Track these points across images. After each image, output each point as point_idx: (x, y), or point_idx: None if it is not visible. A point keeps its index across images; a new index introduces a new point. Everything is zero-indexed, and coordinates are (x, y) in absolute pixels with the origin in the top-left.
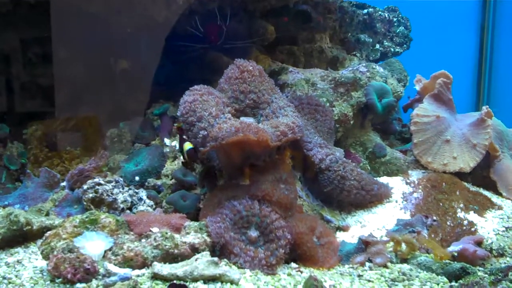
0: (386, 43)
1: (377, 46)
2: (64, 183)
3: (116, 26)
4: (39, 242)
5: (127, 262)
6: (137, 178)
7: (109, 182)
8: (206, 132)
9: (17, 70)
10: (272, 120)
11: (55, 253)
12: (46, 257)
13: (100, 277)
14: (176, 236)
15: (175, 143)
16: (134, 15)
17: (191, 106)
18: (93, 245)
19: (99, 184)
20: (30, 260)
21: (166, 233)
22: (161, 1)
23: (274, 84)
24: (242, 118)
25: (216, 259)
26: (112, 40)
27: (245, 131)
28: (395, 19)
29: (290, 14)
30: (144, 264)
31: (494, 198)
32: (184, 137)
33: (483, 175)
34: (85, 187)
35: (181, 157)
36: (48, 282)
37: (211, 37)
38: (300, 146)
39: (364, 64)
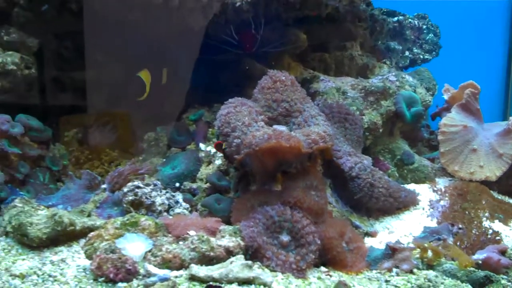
0: (416, 50)
1: (407, 53)
2: (104, 185)
3: (154, 33)
4: (82, 241)
5: (165, 264)
6: (177, 184)
7: (148, 185)
8: (240, 140)
9: (58, 74)
10: (304, 129)
11: (98, 253)
12: (89, 257)
13: (140, 277)
14: (212, 239)
15: (210, 148)
16: (172, 23)
17: (226, 118)
18: (134, 246)
19: (139, 187)
20: (73, 259)
21: (203, 236)
22: (198, 11)
23: (306, 93)
24: (274, 126)
25: (250, 262)
26: (150, 47)
27: (278, 138)
28: (424, 26)
29: (322, 22)
30: (182, 265)
31: None
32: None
33: (508, 183)
34: (125, 190)
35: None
36: (91, 280)
37: (245, 45)
38: (330, 154)
39: (393, 73)
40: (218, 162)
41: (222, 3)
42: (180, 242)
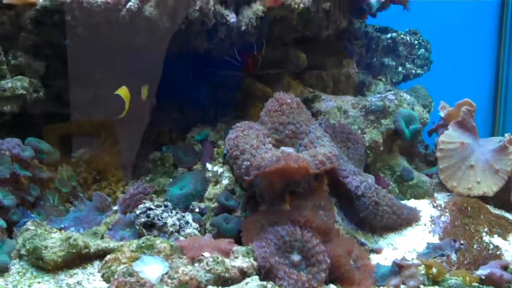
0: (408, 65)
1: (400, 68)
2: (115, 207)
3: (160, 56)
4: (96, 263)
5: (182, 286)
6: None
7: (159, 206)
8: (249, 163)
9: (62, 95)
10: (311, 150)
11: (116, 276)
12: (107, 280)
13: None
14: (226, 260)
15: (217, 168)
16: (177, 46)
17: (234, 142)
18: (151, 269)
19: (150, 209)
20: (89, 281)
21: (217, 257)
22: (204, 35)
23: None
24: (282, 148)
25: (265, 283)
26: (152, 68)
27: (286, 160)
28: (416, 42)
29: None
30: (198, 287)
31: None
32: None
33: (504, 198)
34: (137, 212)
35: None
36: None
37: (247, 66)
38: (336, 174)
39: (392, 92)
40: (225, 181)
41: (227, 27)
42: (196, 264)
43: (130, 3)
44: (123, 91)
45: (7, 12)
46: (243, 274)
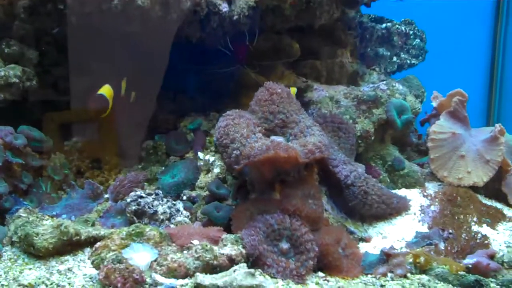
0: (403, 55)
1: (394, 58)
2: (107, 195)
3: (152, 44)
4: (87, 250)
5: (171, 273)
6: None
7: (150, 194)
8: (239, 152)
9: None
10: (301, 139)
11: (105, 263)
12: (96, 266)
13: (147, 286)
14: (215, 248)
15: (208, 157)
16: (169, 35)
17: (225, 130)
18: (140, 256)
19: (141, 197)
20: (79, 268)
21: (206, 245)
22: (196, 24)
23: (301, 102)
24: (272, 137)
25: (252, 270)
26: (147, 57)
27: (276, 149)
28: (411, 32)
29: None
30: (187, 274)
31: (505, 210)
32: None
33: (495, 187)
34: (128, 200)
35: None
36: None
37: (240, 56)
38: (326, 163)
39: (384, 82)
40: (216, 170)
41: (219, 16)
42: (185, 251)
43: None
44: (106, 90)
45: (0, 1)
46: (232, 261)
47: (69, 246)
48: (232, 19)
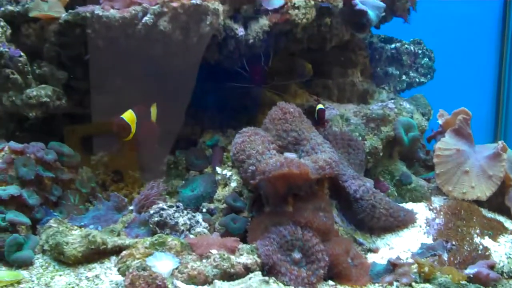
0: (412, 74)
1: (404, 77)
2: (131, 207)
3: (173, 66)
4: (113, 258)
5: (191, 280)
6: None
7: (171, 207)
8: (254, 167)
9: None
10: (312, 156)
11: (131, 270)
12: (122, 273)
13: None
14: (232, 257)
15: (226, 172)
16: (189, 57)
17: (241, 146)
18: (162, 264)
19: (163, 209)
20: (106, 275)
21: (224, 254)
22: (214, 47)
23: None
24: (285, 154)
25: (267, 278)
26: (169, 76)
27: (289, 165)
28: (420, 51)
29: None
30: (206, 281)
31: (508, 223)
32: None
33: (498, 201)
34: (151, 211)
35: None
36: None
37: (256, 76)
38: (336, 178)
39: (392, 101)
40: (233, 184)
41: (236, 40)
42: (204, 260)
43: (145, 18)
44: (128, 115)
45: (32, 25)
46: (247, 269)
47: (96, 254)
48: (248, 42)
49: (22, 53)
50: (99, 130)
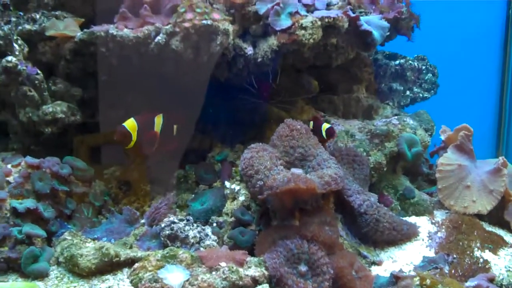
0: (416, 89)
1: (408, 92)
2: (143, 220)
3: (183, 83)
4: (125, 270)
5: None
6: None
7: (181, 220)
8: (262, 182)
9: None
10: (318, 171)
11: (143, 282)
12: (135, 285)
13: None
14: (240, 269)
15: (234, 186)
16: (200, 75)
17: (250, 162)
18: (174, 276)
19: (174, 222)
20: (119, 286)
21: (232, 267)
22: (224, 65)
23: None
24: (292, 170)
25: None
26: (180, 93)
27: (296, 181)
28: (423, 67)
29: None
30: None
31: (507, 237)
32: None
33: (498, 215)
34: (162, 225)
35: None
36: None
37: (263, 93)
38: (341, 193)
39: (396, 117)
40: (241, 198)
41: (244, 58)
42: (213, 272)
43: (158, 38)
44: (129, 123)
45: (48, 43)
46: (255, 282)
47: (109, 266)
48: (256, 61)
49: (39, 71)
50: (107, 140)
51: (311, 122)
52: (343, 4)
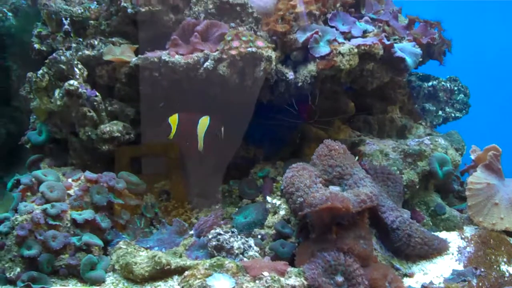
0: (448, 109)
1: (440, 112)
2: (191, 232)
3: (228, 104)
4: (175, 277)
5: None
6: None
7: (227, 232)
8: (302, 199)
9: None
10: (355, 189)
11: None
12: None
13: None
14: (282, 279)
15: (275, 201)
16: (244, 97)
17: (291, 180)
18: (220, 284)
19: (220, 234)
20: None
21: (274, 276)
22: (267, 89)
23: (354, 156)
24: (330, 187)
25: None
26: (227, 112)
27: (333, 200)
28: (455, 88)
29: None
30: None
31: None
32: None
33: None
34: (209, 236)
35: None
36: None
37: (303, 113)
38: (375, 209)
39: (428, 138)
40: (282, 212)
41: (286, 82)
42: (257, 281)
43: (207, 63)
44: (173, 117)
45: (105, 67)
46: None
47: (161, 273)
48: (296, 85)
49: (97, 93)
50: (149, 151)
51: None
52: (378, 31)
